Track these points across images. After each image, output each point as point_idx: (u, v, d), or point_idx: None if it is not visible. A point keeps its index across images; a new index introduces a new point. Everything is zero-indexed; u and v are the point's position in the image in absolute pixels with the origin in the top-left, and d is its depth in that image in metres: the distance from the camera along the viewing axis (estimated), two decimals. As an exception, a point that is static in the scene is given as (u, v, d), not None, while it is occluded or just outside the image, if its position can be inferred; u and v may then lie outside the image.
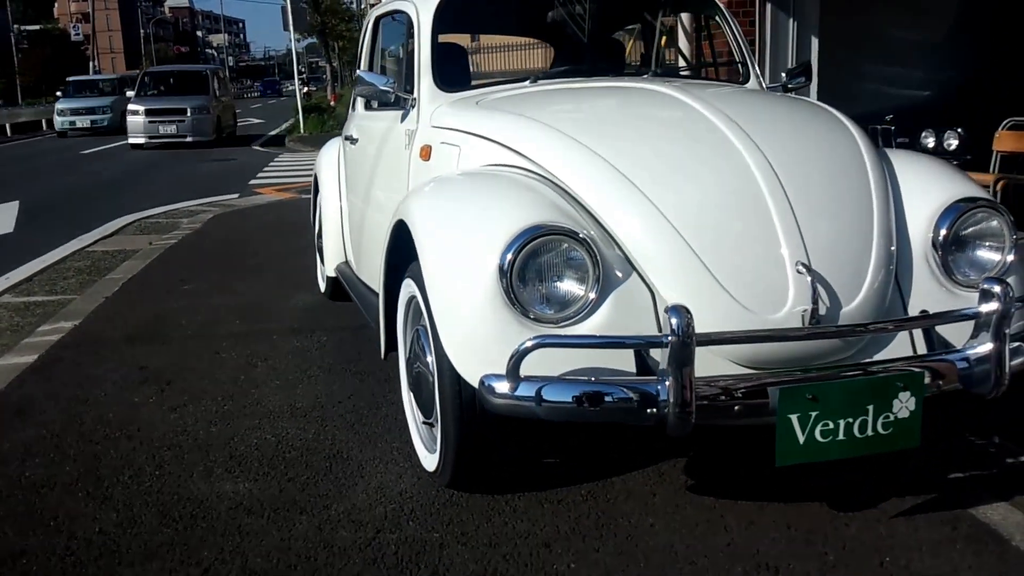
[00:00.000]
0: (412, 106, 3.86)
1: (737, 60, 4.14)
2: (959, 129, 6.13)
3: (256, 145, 22.38)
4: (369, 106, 4.67)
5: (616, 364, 2.46)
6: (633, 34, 5.65)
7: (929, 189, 2.88)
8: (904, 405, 2.42)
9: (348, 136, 5.04)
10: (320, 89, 48.63)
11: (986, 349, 2.49)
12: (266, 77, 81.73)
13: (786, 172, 2.70)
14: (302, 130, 24.20)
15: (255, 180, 14.01)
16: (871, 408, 2.40)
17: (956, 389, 2.53)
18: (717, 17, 4.24)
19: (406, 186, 3.75)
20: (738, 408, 2.41)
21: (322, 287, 5.77)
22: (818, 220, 2.64)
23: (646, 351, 2.47)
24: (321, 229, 5.53)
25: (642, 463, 3.12)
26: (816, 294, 2.49)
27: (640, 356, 2.48)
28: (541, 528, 2.72)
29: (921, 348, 2.66)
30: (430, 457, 3.02)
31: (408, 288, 3.06)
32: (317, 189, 5.72)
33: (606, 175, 2.74)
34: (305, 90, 26.88)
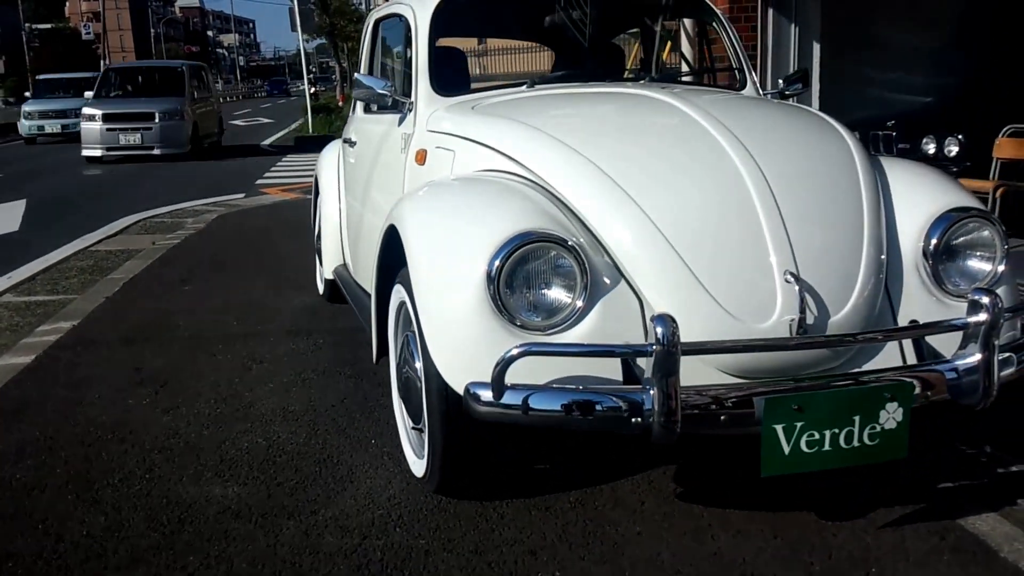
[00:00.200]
0: (409, 110, 3.86)
1: (734, 66, 4.13)
2: (959, 135, 6.12)
3: (264, 144, 22.35)
4: (368, 109, 4.67)
5: (603, 372, 2.46)
6: (636, 39, 5.64)
7: (921, 198, 2.86)
8: (891, 416, 2.41)
9: (347, 139, 5.05)
10: (329, 90, 48.70)
11: (975, 360, 2.48)
12: (273, 77, 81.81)
13: (777, 180, 2.69)
14: (310, 130, 24.18)
15: (262, 180, 14.03)
16: (857, 419, 2.39)
17: (944, 400, 2.52)
18: (714, 23, 4.24)
19: (402, 190, 3.75)
20: (723, 418, 2.40)
21: (320, 289, 5.77)
22: (808, 228, 2.63)
23: (633, 360, 2.47)
24: (320, 231, 5.53)
25: (633, 470, 3.12)
26: (804, 303, 2.48)
27: (627, 364, 2.48)
28: (528, 536, 2.72)
29: (911, 358, 2.65)
30: (419, 463, 3.02)
31: (398, 294, 3.05)
32: (317, 191, 5.73)
33: (598, 182, 2.73)
34: (312, 91, 26.36)
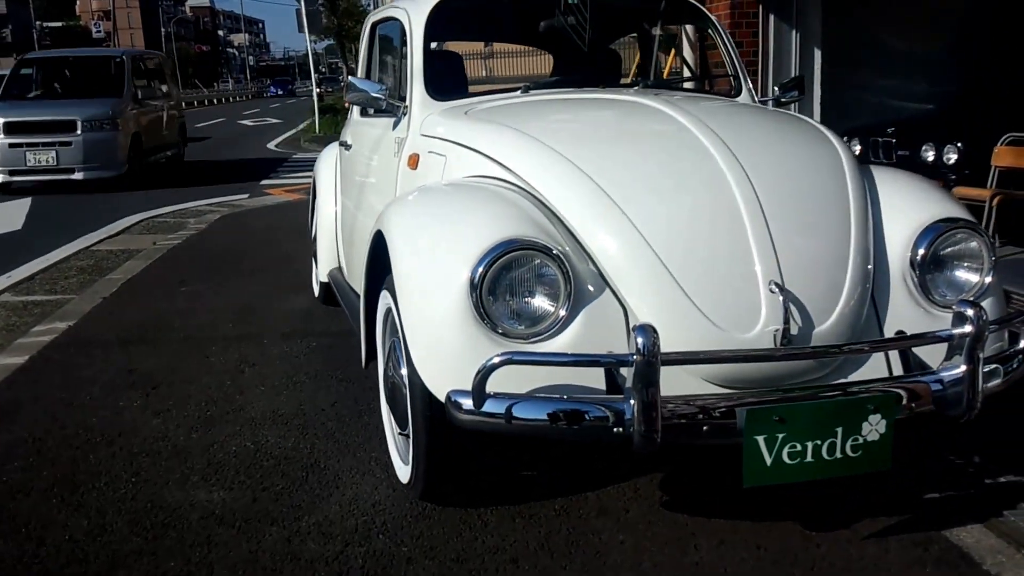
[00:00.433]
0: (404, 114, 3.85)
1: (730, 73, 4.12)
2: (958, 143, 6.09)
3: (271, 144, 22.32)
4: (364, 112, 4.68)
5: (586, 382, 2.45)
6: (636, 43, 5.63)
7: (910, 208, 2.85)
8: (874, 428, 2.39)
9: (343, 141, 5.05)
10: (336, 90, 48.73)
11: (960, 372, 2.47)
12: (277, 77, 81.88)
13: (765, 189, 2.68)
14: (317, 130, 24.20)
15: (267, 180, 14.03)
16: (840, 430, 2.38)
17: (929, 411, 2.51)
18: (710, 29, 4.23)
19: (394, 194, 3.74)
20: (705, 428, 2.39)
21: (316, 291, 5.77)
22: (794, 238, 2.62)
23: (616, 369, 2.46)
24: (316, 233, 5.53)
25: (620, 477, 3.11)
26: (788, 313, 2.46)
27: (610, 374, 2.47)
28: (511, 543, 2.71)
29: (897, 368, 2.63)
30: (405, 468, 3.02)
31: (385, 299, 3.05)
32: (315, 193, 5.73)
33: (585, 189, 2.73)
34: (317, 91, 26.25)
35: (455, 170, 3.26)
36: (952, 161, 6.09)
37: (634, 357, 2.26)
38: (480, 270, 2.47)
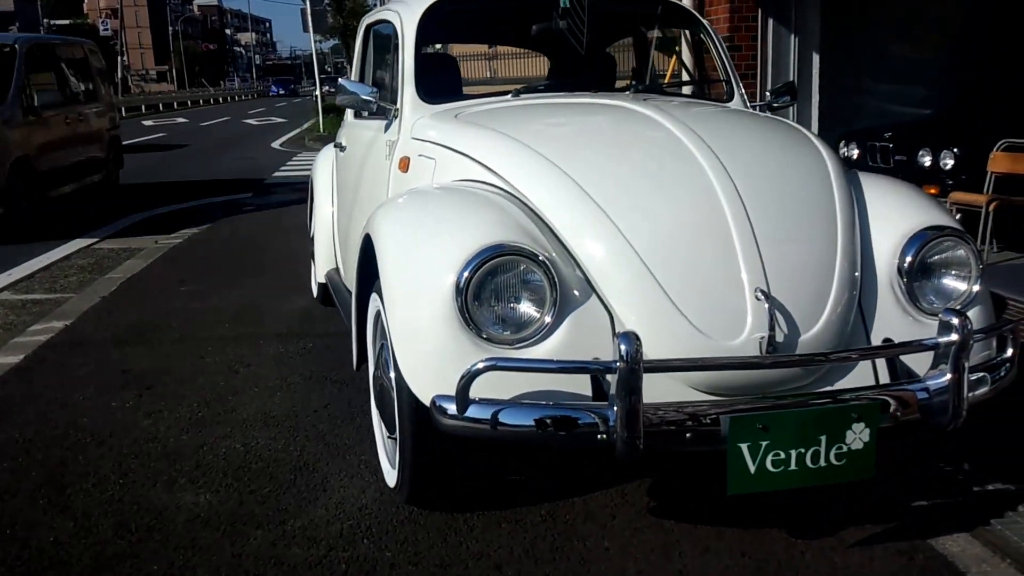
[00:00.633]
0: (395, 116, 3.85)
1: (722, 78, 4.11)
2: (955, 148, 6.08)
3: (275, 144, 22.30)
4: (358, 115, 4.67)
5: (570, 388, 2.45)
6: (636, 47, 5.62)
7: (897, 215, 2.84)
8: (858, 436, 2.39)
9: (338, 143, 5.05)
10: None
11: (945, 380, 2.46)
12: (279, 76, 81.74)
13: (751, 197, 2.68)
14: (321, 129, 24.26)
15: (270, 180, 14.02)
16: (823, 439, 2.38)
17: (915, 419, 2.50)
18: (702, 34, 4.22)
19: (386, 196, 3.74)
20: (688, 435, 2.38)
21: (314, 292, 5.77)
22: (780, 245, 2.61)
23: (602, 375, 2.46)
24: (314, 234, 5.53)
25: (606, 483, 3.10)
26: (774, 321, 2.46)
27: (596, 380, 2.46)
28: (495, 549, 2.70)
29: (884, 376, 2.62)
30: (393, 472, 3.01)
31: (375, 303, 3.05)
32: (313, 194, 5.73)
33: (572, 195, 2.72)
34: (317, 92, 26.32)
35: (444, 174, 3.25)
36: (949, 166, 6.07)
37: (617, 364, 2.25)
38: (466, 275, 2.47)
